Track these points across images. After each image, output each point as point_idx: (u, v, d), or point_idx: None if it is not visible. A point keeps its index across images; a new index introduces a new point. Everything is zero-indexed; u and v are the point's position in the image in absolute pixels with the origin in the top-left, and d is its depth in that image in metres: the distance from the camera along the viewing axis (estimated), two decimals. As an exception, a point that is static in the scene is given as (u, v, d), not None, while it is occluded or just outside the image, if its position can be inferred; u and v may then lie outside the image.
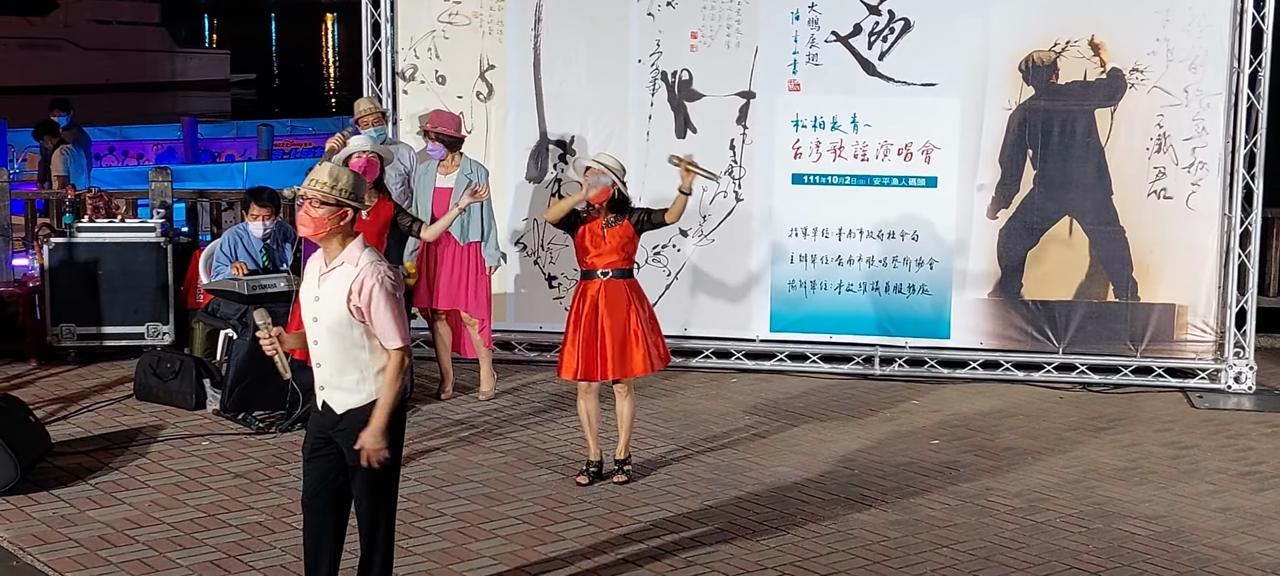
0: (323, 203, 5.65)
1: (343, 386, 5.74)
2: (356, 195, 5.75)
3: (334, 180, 5.68)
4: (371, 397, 5.74)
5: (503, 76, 10.98)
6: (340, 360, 5.72)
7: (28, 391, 9.70)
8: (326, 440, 5.83)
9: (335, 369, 5.74)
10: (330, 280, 5.70)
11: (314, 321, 5.75)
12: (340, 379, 5.74)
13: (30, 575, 6.69)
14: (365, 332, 5.71)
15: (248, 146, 25.80)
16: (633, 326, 8.06)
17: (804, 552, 7.19)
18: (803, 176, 10.78)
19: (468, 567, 6.89)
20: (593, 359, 8.06)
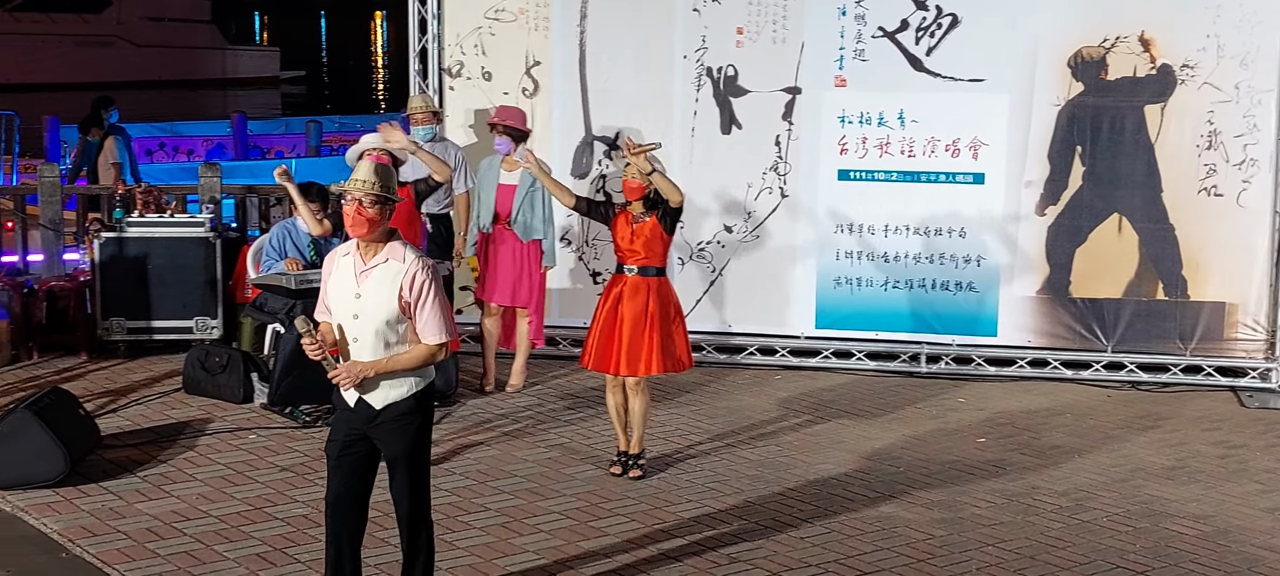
0: (374, 200, 5.68)
1: (383, 381, 5.76)
2: (393, 189, 5.78)
3: (379, 176, 5.71)
4: (411, 389, 5.77)
5: (548, 72, 11.00)
6: (383, 356, 5.74)
7: (78, 384, 9.80)
8: (359, 437, 5.84)
9: None
10: (372, 277, 5.72)
11: (355, 319, 5.76)
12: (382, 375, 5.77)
13: (80, 566, 6.76)
14: (409, 327, 5.73)
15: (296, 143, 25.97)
16: (647, 326, 8.06)
17: (847, 550, 7.16)
18: (849, 172, 10.73)
19: (511, 562, 6.90)
20: (606, 352, 8.09)
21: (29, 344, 10.73)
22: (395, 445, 5.77)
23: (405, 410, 5.76)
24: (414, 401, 5.78)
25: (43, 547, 6.96)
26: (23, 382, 9.95)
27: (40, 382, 9.83)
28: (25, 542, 7.01)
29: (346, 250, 5.83)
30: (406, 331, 5.74)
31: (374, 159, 8.23)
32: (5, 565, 6.68)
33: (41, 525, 7.23)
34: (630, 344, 8.04)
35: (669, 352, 8.12)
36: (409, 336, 5.75)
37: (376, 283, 5.71)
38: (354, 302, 5.74)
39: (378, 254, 5.74)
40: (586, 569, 6.85)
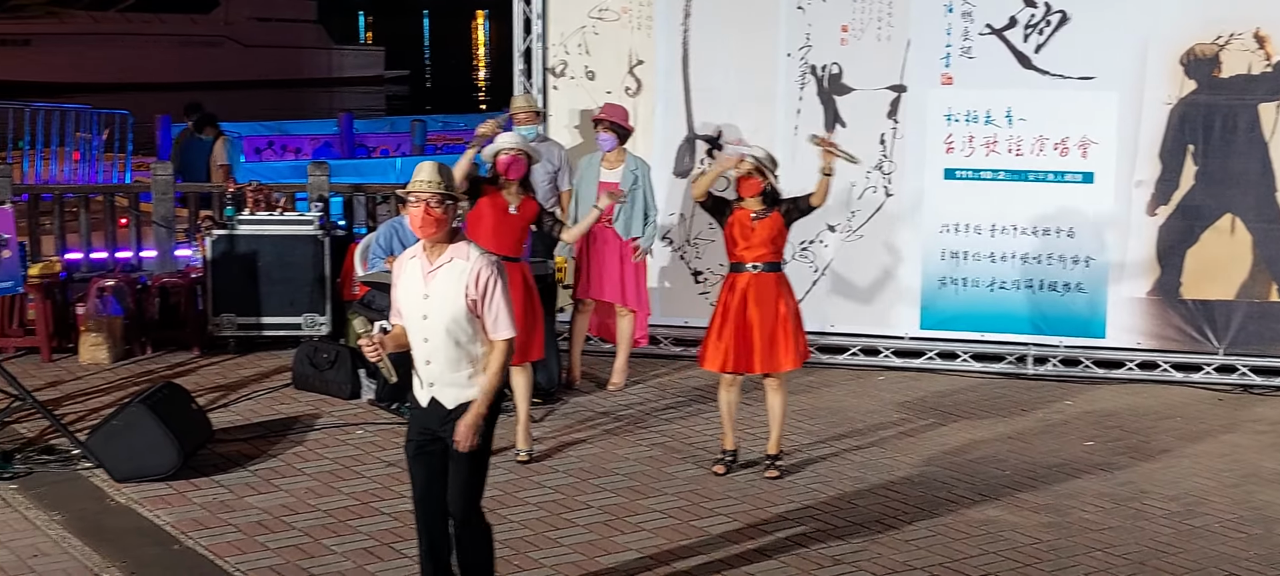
0: (441, 200, 5.72)
1: (455, 381, 5.79)
2: (454, 187, 5.82)
3: (441, 176, 5.75)
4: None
5: (651, 71, 11.01)
6: (453, 355, 5.76)
7: (190, 379, 9.98)
8: (433, 437, 5.87)
9: (448, 364, 5.77)
10: (439, 278, 5.75)
11: (423, 320, 5.79)
12: (453, 375, 5.79)
13: (191, 558, 6.89)
14: (479, 326, 5.76)
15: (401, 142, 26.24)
16: (782, 320, 8.04)
17: (953, 553, 7.10)
18: (955, 171, 10.63)
19: (614, 560, 6.92)
20: (741, 352, 8.05)
21: (142, 339, 10.95)
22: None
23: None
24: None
25: (155, 539, 7.11)
26: (136, 377, 10.16)
27: (153, 377, 10.03)
28: (139, 534, 7.16)
29: (413, 253, 5.87)
30: (475, 330, 5.77)
31: (504, 161, 8.36)
32: (120, 557, 6.82)
33: (154, 517, 7.38)
34: (769, 340, 8.01)
35: (800, 347, 8.11)
36: (480, 333, 5.77)
37: (443, 283, 5.74)
38: (422, 304, 5.77)
39: (443, 254, 5.77)
40: (688, 567, 6.85)
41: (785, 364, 8.07)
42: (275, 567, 6.74)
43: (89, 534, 7.11)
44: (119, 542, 7.02)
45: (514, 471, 8.22)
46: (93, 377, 10.17)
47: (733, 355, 8.08)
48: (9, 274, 8.82)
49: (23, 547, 6.91)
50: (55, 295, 10.90)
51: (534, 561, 6.85)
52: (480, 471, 5.90)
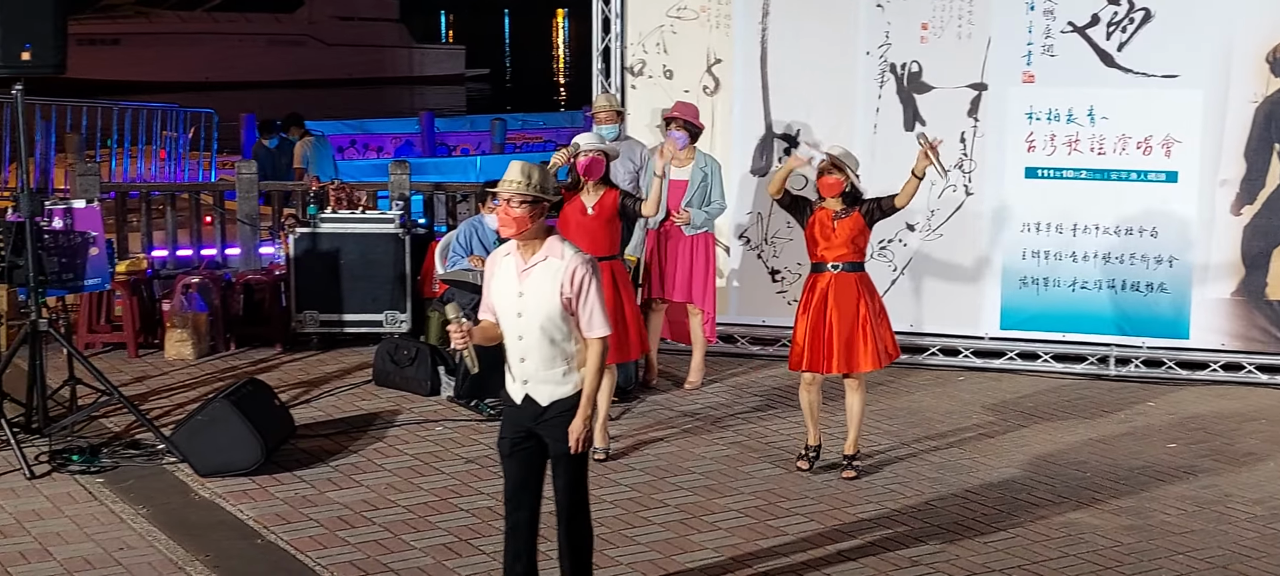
0: (521, 201, 5.76)
1: (550, 378, 5.83)
2: (552, 189, 5.84)
3: (527, 177, 5.77)
4: (578, 386, 5.83)
5: (729, 70, 11.01)
6: (548, 353, 5.80)
7: (273, 375, 10.11)
8: (527, 434, 5.91)
9: (542, 361, 5.81)
10: (533, 276, 5.79)
11: (518, 318, 5.83)
12: (547, 371, 5.83)
13: (273, 553, 6.98)
14: (574, 324, 5.80)
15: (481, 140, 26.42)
16: (862, 320, 8.01)
17: (1032, 555, 7.04)
18: (1036, 170, 10.54)
19: (690, 559, 6.94)
20: (819, 351, 8.04)
21: (226, 335, 11.11)
22: (563, 442, 5.84)
23: (571, 407, 5.82)
24: (580, 398, 5.85)
25: (239, 533, 7.21)
26: (221, 373, 10.31)
27: (237, 373, 10.17)
28: (222, 528, 7.27)
29: (507, 250, 5.91)
30: (570, 328, 5.80)
31: (583, 162, 8.40)
32: (204, 550, 6.93)
33: (238, 511, 7.49)
34: (847, 341, 7.99)
35: (885, 344, 8.08)
36: (574, 331, 5.81)
37: (537, 281, 5.78)
38: (517, 302, 5.82)
39: (536, 252, 5.81)
40: (764, 566, 6.85)
41: (863, 365, 8.05)
42: (356, 562, 6.82)
43: (173, 527, 7.24)
44: (203, 536, 7.13)
45: (591, 469, 8.21)
46: (178, 373, 10.34)
47: (809, 355, 8.06)
48: (97, 271, 8.98)
49: (109, 540, 7.04)
50: (142, 292, 11.09)
51: (610, 559, 6.88)
52: (585, 468, 5.96)
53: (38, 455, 8.14)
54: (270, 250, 12.76)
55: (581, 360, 5.85)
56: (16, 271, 8.39)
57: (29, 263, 8.20)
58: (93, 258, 8.88)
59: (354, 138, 25.99)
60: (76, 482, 7.85)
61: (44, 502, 7.54)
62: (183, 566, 6.74)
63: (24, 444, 8.14)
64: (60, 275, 8.71)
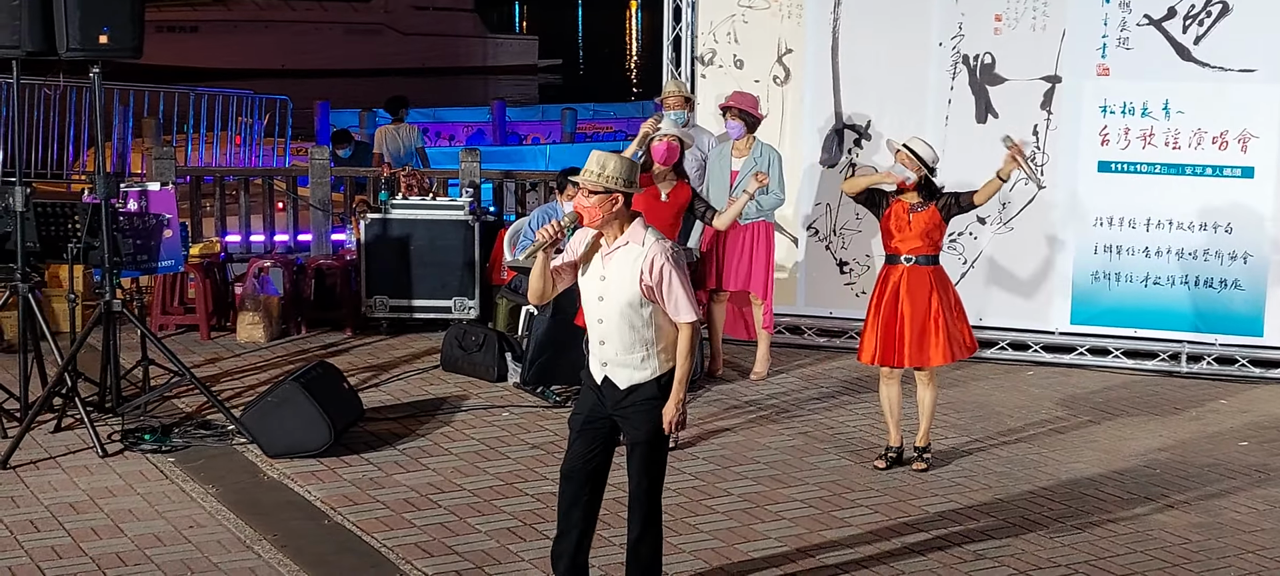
0: (592, 191, 5.77)
1: (629, 363, 5.85)
2: (627, 180, 5.81)
3: (601, 167, 5.79)
4: (655, 372, 5.84)
5: (800, 60, 10.97)
6: (628, 338, 5.83)
7: (343, 359, 10.21)
8: (603, 415, 5.94)
9: (623, 347, 5.85)
10: (614, 261, 5.82)
11: (599, 301, 5.86)
12: (627, 356, 5.85)
13: (340, 533, 7.06)
14: (654, 310, 5.81)
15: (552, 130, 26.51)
16: (933, 314, 7.96)
17: (1099, 551, 6.98)
18: (1110, 164, 10.42)
19: (753, 548, 6.94)
20: (891, 344, 8.00)
21: (298, 319, 11.22)
22: (638, 430, 5.86)
23: (650, 394, 5.84)
24: (657, 386, 5.85)
25: (307, 514, 7.30)
26: (291, 356, 10.42)
27: (308, 356, 10.28)
28: (291, 508, 7.36)
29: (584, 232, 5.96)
30: (651, 314, 5.81)
31: (659, 148, 8.41)
32: (272, 530, 7.02)
33: (305, 492, 7.58)
34: (919, 334, 7.95)
35: (956, 340, 8.03)
36: (654, 318, 5.82)
37: (618, 266, 5.81)
38: (599, 285, 5.85)
39: (618, 237, 5.84)
40: (828, 558, 6.84)
41: (934, 359, 8.00)
42: (421, 544, 6.88)
43: (242, 506, 7.33)
44: (271, 516, 7.22)
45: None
46: (249, 355, 10.46)
47: (882, 348, 8.02)
48: (170, 253, 9.10)
49: (179, 518, 7.15)
50: (215, 275, 11.23)
51: (674, 547, 6.89)
52: (660, 455, 5.97)
53: (110, 434, 8.27)
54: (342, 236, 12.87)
55: (668, 345, 5.85)
56: (92, 252, 8.52)
57: (104, 244, 8.33)
58: (167, 240, 9.01)
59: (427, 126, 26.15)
60: (148, 461, 7.97)
61: (116, 480, 7.67)
62: (251, 545, 6.83)
63: (97, 422, 8.28)
64: (134, 256, 8.84)
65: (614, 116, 27.78)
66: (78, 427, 8.34)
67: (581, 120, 26.57)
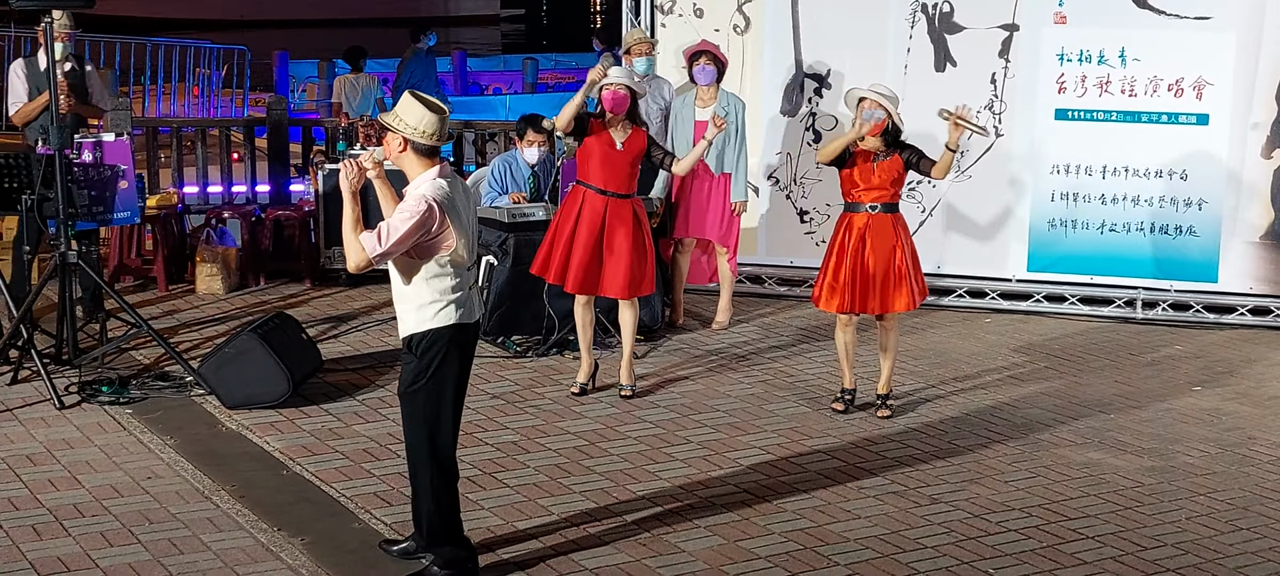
0: (384, 127, 5.99)
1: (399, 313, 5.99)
2: (411, 126, 5.86)
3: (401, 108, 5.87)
4: (408, 330, 5.91)
5: (760, 9, 10.96)
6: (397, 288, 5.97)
7: (301, 310, 10.18)
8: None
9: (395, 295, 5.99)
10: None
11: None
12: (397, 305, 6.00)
13: (299, 483, 7.06)
14: (407, 264, 5.86)
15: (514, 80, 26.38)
16: (897, 262, 7.99)
17: (1053, 494, 7.05)
18: (1067, 112, 10.48)
19: (711, 493, 6.98)
20: (857, 293, 8.02)
21: (256, 270, 11.18)
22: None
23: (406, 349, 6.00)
24: (408, 344, 5.99)
25: (265, 464, 7.30)
26: (250, 307, 10.39)
27: (266, 308, 10.25)
28: (249, 459, 7.36)
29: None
30: (405, 266, 5.99)
31: (608, 96, 8.37)
32: (230, 480, 7.02)
33: (264, 443, 7.58)
34: (884, 281, 7.98)
35: (918, 285, 8.08)
36: (407, 272, 5.99)
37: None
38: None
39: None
40: (786, 502, 6.89)
41: (901, 304, 8.04)
42: (380, 493, 6.89)
43: (201, 458, 7.32)
44: (229, 466, 7.21)
45: (616, 406, 8.30)
46: (207, 307, 10.43)
47: (845, 296, 8.05)
48: (126, 204, 9.05)
49: (137, 469, 7.14)
50: (172, 226, 11.17)
51: (632, 493, 6.93)
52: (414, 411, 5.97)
53: (67, 386, 8.24)
54: (300, 187, 12.81)
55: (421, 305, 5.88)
56: (47, 204, 8.46)
57: (59, 195, 8.27)
58: (122, 191, 8.95)
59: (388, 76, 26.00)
60: (105, 413, 7.95)
61: (74, 432, 7.64)
62: (209, 495, 6.83)
63: (54, 375, 8.23)
64: (90, 208, 8.78)
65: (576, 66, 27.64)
66: (35, 380, 8.30)
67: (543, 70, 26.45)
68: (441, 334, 5.82)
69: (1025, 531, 6.61)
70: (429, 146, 5.86)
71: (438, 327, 5.82)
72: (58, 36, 9.13)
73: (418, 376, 5.86)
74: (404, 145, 5.89)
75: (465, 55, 27.33)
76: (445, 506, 5.95)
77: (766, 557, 6.26)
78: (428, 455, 5.91)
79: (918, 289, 8.11)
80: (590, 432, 7.84)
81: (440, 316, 5.82)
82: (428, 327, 5.82)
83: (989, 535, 6.56)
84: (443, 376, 5.86)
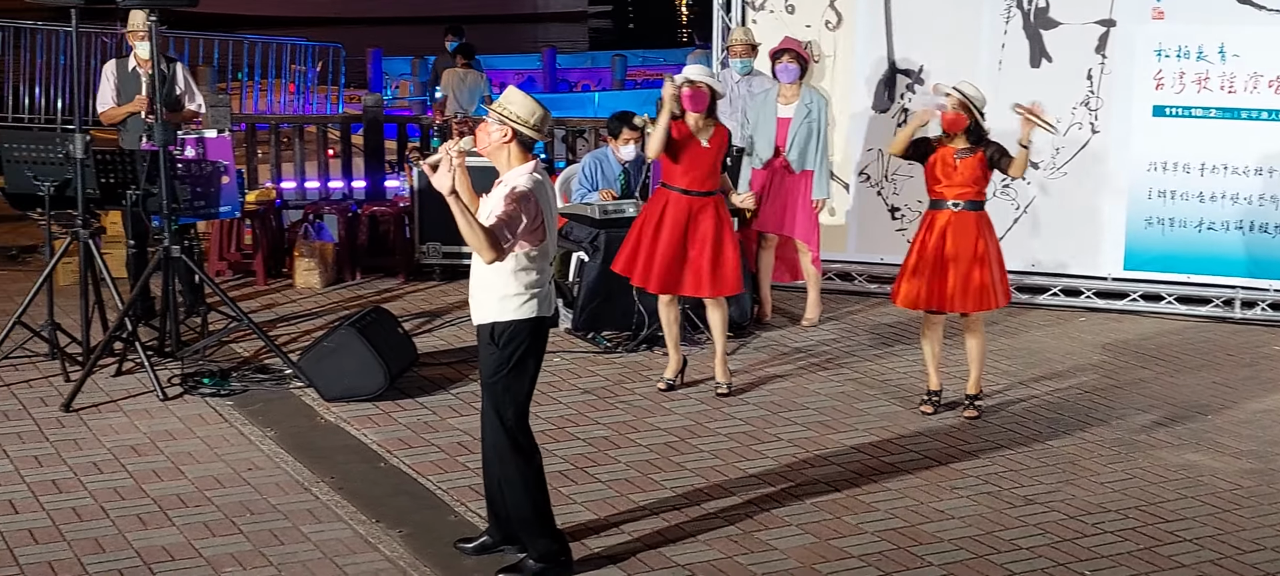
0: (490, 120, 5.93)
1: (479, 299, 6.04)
2: (522, 120, 5.90)
3: (507, 99, 5.92)
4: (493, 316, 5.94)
5: (852, 4, 10.93)
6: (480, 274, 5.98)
7: (397, 305, 10.30)
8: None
9: (477, 282, 6.03)
10: (492, 197, 5.98)
11: None
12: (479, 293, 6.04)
13: (395, 476, 7.16)
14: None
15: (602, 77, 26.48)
16: (980, 260, 7.94)
17: (1149, 497, 6.99)
18: (1164, 108, 10.35)
19: (804, 491, 6.98)
20: (937, 291, 7.99)
21: (352, 265, 11.33)
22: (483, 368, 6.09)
23: (485, 339, 6.05)
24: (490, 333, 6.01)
25: (363, 457, 7.41)
26: (346, 302, 10.54)
27: (362, 302, 10.39)
28: (347, 452, 7.47)
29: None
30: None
31: (686, 94, 8.38)
32: (329, 472, 7.13)
33: (361, 435, 7.69)
34: (965, 280, 7.93)
35: (1002, 285, 8.02)
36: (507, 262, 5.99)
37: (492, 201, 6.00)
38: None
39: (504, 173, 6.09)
40: (875, 500, 6.88)
41: (981, 304, 7.99)
42: (475, 486, 6.97)
43: (300, 449, 7.45)
44: (328, 459, 7.34)
45: (705, 402, 8.33)
46: (305, 301, 10.58)
47: (928, 294, 8.02)
48: (228, 199, 9.21)
49: (238, 461, 7.28)
50: (270, 221, 11.35)
51: (723, 489, 6.96)
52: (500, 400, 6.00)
53: (170, 378, 8.41)
54: (395, 183, 12.96)
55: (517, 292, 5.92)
56: (150, 199, 8.64)
57: (162, 190, 8.44)
58: (224, 187, 9.11)
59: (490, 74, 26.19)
60: (207, 405, 8.10)
61: (176, 423, 7.81)
62: (308, 487, 6.94)
63: (157, 366, 8.41)
64: (192, 203, 8.95)
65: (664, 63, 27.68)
66: (138, 371, 8.48)
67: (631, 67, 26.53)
68: (524, 326, 5.92)
69: (1121, 533, 6.56)
70: (531, 139, 5.90)
71: (520, 320, 5.91)
72: (142, 36, 9.36)
73: (500, 366, 5.94)
74: (511, 137, 5.89)
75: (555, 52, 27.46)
76: (537, 497, 6.02)
77: (859, 556, 6.27)
78: (514, 446, 5.98)
79: (1000, 290, 8.03)
80: (680, 428, 7.88)
81: (524, 309, 5.91)
82: (510, 319, 5.90)
83: (1084, 536, 6.52)
84: (526, 367, 5.98)
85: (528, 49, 34.47)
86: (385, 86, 22.91)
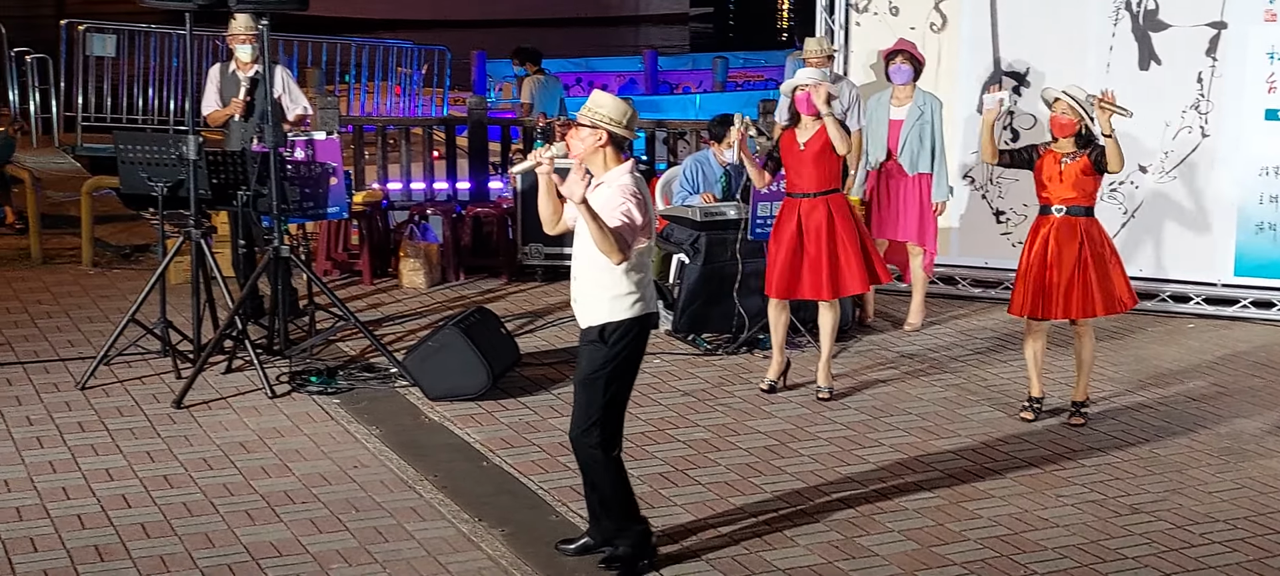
0: (581, 125, 5.96)
1: (585, 300, 6.11)
2: (613, 119, 5.90)
3: (595, 104, 5.95)
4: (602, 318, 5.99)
5: (957, 7, 10.84)
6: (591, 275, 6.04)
7: (499, 305, 10.39)
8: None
9: (586, 284, 6.09)
10: (593, 199, 5.90)
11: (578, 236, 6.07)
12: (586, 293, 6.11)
13: (498, 475, 7.23)
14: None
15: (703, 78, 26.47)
16: (1082, 265, 7.84)
17: (1259, 507, 6.86)
18: (1276, 112, 10.15)
19: (905, 498, 6.94)
20: (1040, 297, 7.91)
21: (456, 265, 11.44)
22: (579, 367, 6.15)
23: (591, 338, 6.09)
24: (599, 332, 6.06)
25: (466, 455, 7.49)
26: (450, 302, 10.64)
27: (466, 302, 10.49)
28: (450, 450, 7.56)
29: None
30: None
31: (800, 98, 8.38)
32: (433, 470, 7.22)
33: (465, 434, 7.77)
34: (1069, 286, 7.85)
35: (1109, 293, 7.90)
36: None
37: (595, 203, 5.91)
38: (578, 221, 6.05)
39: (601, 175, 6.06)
40: (977, 508, 6.83)
41: (1084, 310, 7.88)
42: (576, 487, 6.97)
43: (404, 447, 7.55)
44: (432, 457, 7.42)
45: (806, 406, 8.31)
46: (410, 301, 10.71)
47: (1031, 300, 7.93)
48: (336, 200, 9.35)
49: (344, 458, 7.39)
50: (377, 222, 11.50)
51: (823, 493, 6.95)
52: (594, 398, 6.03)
53: (278, 376, 8.55)
54: (499, 184, 13.06)
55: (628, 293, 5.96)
56: (261, 200, 8.79)
57: (273, 191, 8.58)
58: (333, 188, 9.25)
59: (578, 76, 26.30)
60: (314, 402, 8.23)
61: (284, 421, 7.94)
62: (412, 485, 7.03)
63: (266, 364, 8.56)
64: (302, 204, 9.09)
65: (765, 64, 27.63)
66: (247, 369, 8.64)
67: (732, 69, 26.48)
68: (634, 324, 5.99)
69: (1231, 544, 6.45)
70: (625, 138, 5.94)
71: (631, 318, 5.98)
72: (242, 39, 9.55)
73: (606, 363, 5.99)
74: (605, 139, 5.93)
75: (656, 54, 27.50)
76: (626, 485, 6.16)
77: (962, 564, 6.23)
78: (605, 439, 6.04)
79: (1113, 296, 7.89)
80: (780, 432, 7.87)
81: (635, 308, 5.98)
82: (622, 318, 5.97)
83: (1192, 547, 6.42)
84: (631, 365, 6.05)
85: (629, 51, 34.56)
86: (489, 89, 23.08)
